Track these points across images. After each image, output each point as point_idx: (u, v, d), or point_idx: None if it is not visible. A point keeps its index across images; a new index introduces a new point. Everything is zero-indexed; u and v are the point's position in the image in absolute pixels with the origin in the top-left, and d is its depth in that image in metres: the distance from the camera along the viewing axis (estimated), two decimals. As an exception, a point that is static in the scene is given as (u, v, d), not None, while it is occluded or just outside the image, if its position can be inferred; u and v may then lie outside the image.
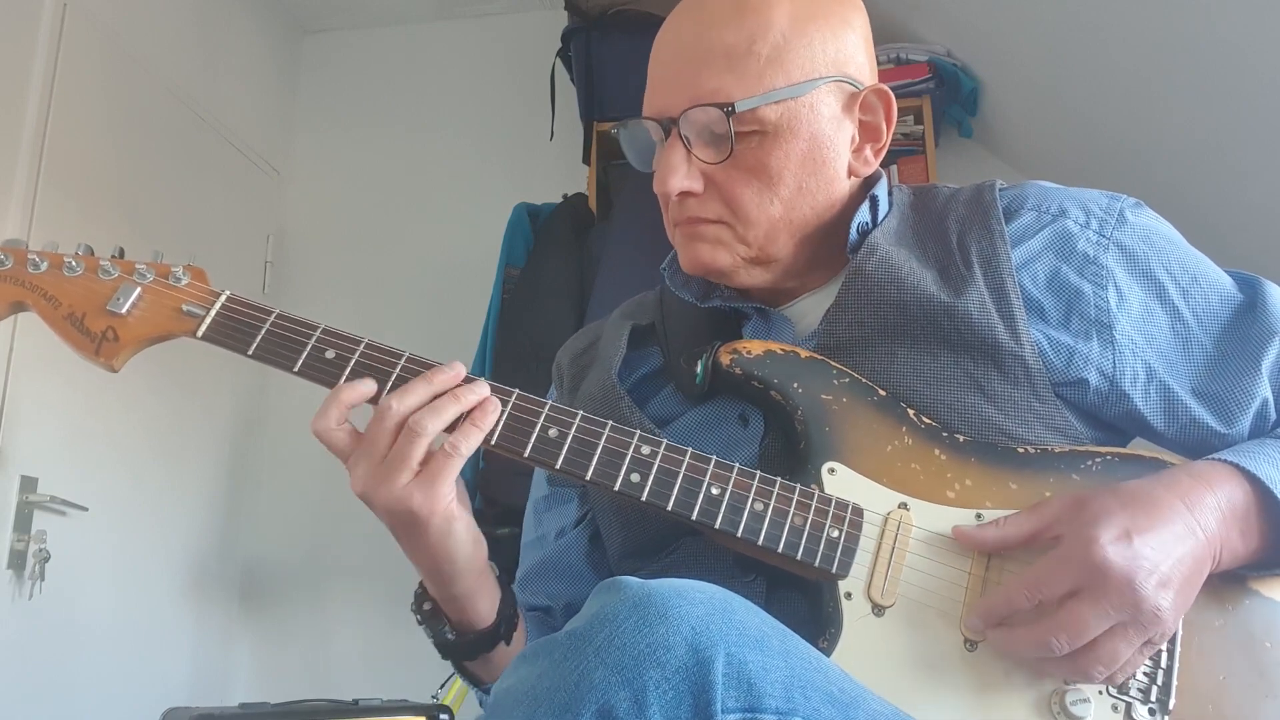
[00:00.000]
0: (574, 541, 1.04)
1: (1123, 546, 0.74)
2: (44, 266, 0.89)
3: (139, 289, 0.89)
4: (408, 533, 0.82)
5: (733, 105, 0.88)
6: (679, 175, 0.91)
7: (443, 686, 2.37)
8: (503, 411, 0.84)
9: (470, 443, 0.81)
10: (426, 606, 0.90)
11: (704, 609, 0.62)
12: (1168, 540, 0.75)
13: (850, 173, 0.96)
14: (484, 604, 0.89)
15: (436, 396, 0.82)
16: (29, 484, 2.21)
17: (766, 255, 0.94)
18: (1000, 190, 0.97)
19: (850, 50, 0.94)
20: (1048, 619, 0.74)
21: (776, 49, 0.89)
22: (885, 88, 0.96)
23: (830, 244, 0.96)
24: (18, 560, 2.16)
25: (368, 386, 0.84)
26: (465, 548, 0.84)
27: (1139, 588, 0.73)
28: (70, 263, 0.89)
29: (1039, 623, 0.75)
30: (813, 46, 0.91)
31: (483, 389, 0.84)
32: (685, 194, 0.92)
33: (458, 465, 0.80)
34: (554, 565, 1.05)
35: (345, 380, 0.84)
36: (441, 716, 2.17)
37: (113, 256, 0.91)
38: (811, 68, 0.91)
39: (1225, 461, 0.83)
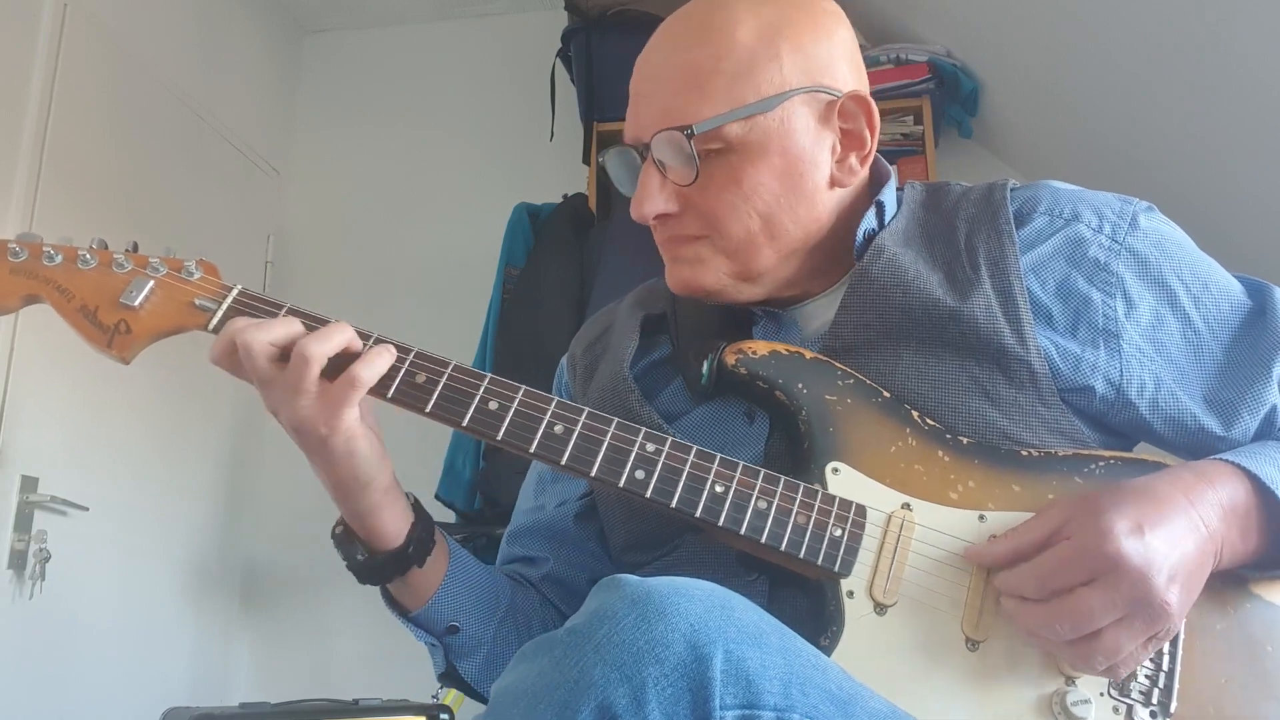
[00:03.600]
0: (570, 510, 1.05)
1: (1136, 540, 0.74)
2: (58, 259, 0.89)
3: (152, 282, 0.89)
4: (311, 448, 0.85)
5: (691, 128, 0.88)
6: (652, 200, 0.91)
7: (443, 686, 2.37)
8: (510, 408, 0.85)
9: (371, 370, 0.83)
10: (339, 530, 0.92)
11: (703, 606, 0.62)
12: (1175, 534, 0.76)
13: (834, 183, 0.94)
14: (391, 523, 0.90)
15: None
16: (29, 484, 2.21)
17: (751, 270, 0.93)
18: (1012, 190, 0.96)
19: (824, 60, 0.92)
20: (1056, 603, 0.75)
21: (741, 65, 0.89)
22: (864, 94, 0.93)
23: (832, 252, 0.96)
24: (18, 560, 2.16)
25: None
26: (368, 464, 0.86)
27: (1151, 580, 0.73)
28: (84, 256, 0.90)
29: (1047, 604, 0.75)
30: (781, 60, 0.90)
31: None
32: (663, 216, 0.92)
33: (358, 394, 0.82)
34: (548, 527, 1.06)
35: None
36: (441, 716, 2.17)
37: (126, 250, 0.91)
38: (781, 81, 0.90)
39: (1226, 461, 0.83)
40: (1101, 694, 0.78)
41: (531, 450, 0.84)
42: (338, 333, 0.84)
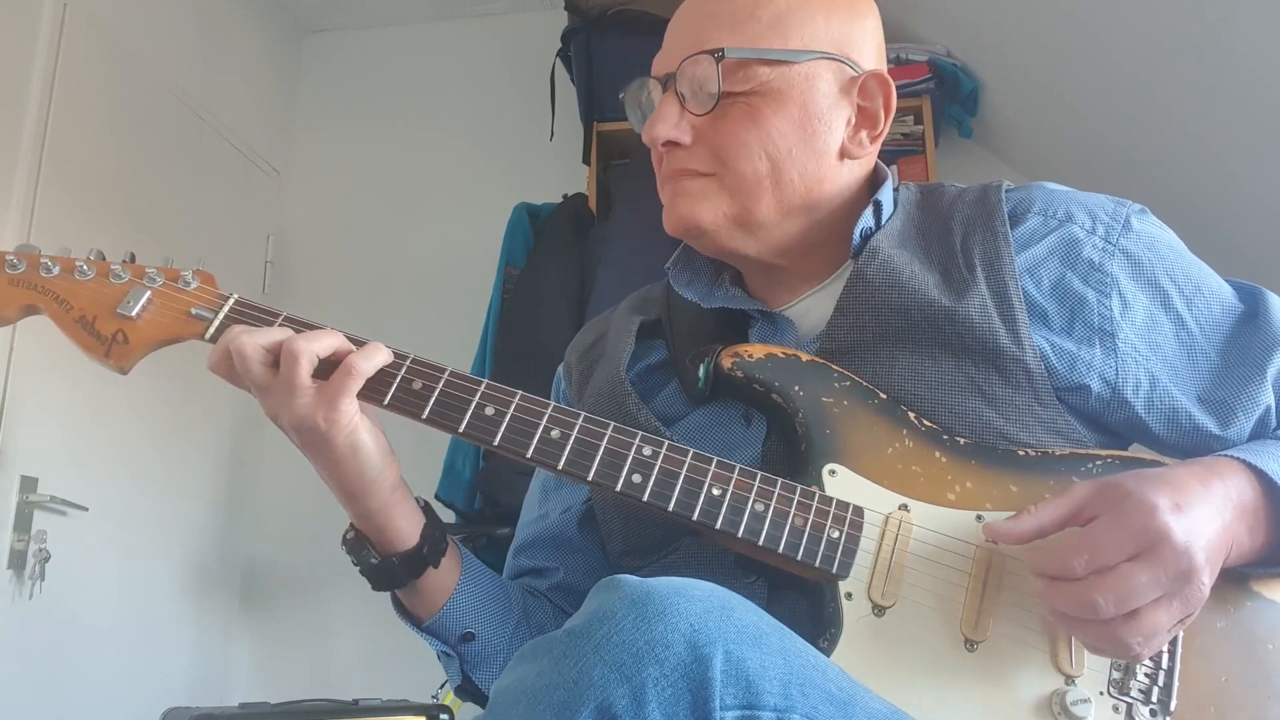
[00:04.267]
0: (575, 515, 1.05)
1: (1179, 516, 0.73)
2: (56, 270, 0.90)
3: (149, 292, 0.90)
4: (315, 449, 0.85)
5: (723, 51, 0.90)
6: (667, 124, 0.93)
7: (443, 686, 2.37)
8: (506, 413, 0.85)
9: (369, 362, 0.83)
10: (350, 535, 0.92)
11: (703, 607, 0.62)
12: (1205, 518, 0.75)
13: (844, 153, 0.96)
14: (403, 522, 0.90)
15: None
16: (29, 484, 2.21)
17: (750, 216, 0.93)
18: (1007, 191, 0.97)
19: (856, 38, 0.95)
20: (1098, 578, 0.72)
21: (779, 15, 0.92)
22: (886, 75, 0.96)
23: (827, 235, 0.96)
24: (18, 560, 2.16)
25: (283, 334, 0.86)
26: (373, 461, 0.86)
27: (1194, 557, 0.72)
28: (81, 266, 0.90)
29: (1086, 581, 0.73)
30: (815, 22, 0.93)
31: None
32: (673, 144, 0.93)
33: (356, 383, 0.83)
34: (554, 536, 1.05)
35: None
36: (441, 716, 2.17)
37: (123, 261, 0.92)
38: (812, 40, 0.93)
39: (1232, 457, 0.83)
40: (1101, 693, 0.78)
41: (528, 455, 0.84)
42: (327, 335, 0.85)
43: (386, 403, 0.85)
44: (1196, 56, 2.12)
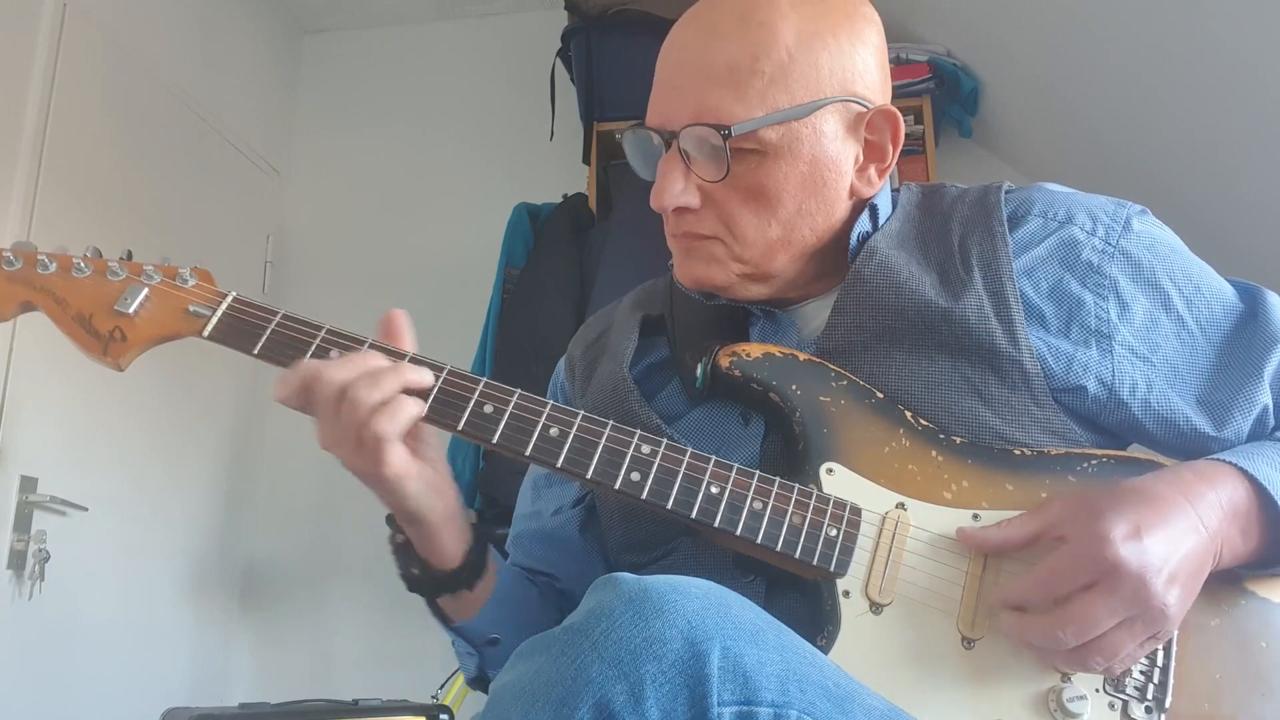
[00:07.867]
0: (571, 518, 1.05)
1: (1134, 544, 0.74)
2: (53, 268, 0.90)
3: (146, 290, 0.90)
4: (365, 484, 0.85)
5: (729, 128, 0.87)
6: (675, 191, 0.90)
7: (442, 687, 2.37)
8: (505, 411, 0.85)
9: (394, 424, 0.81)
10: (399, 539, 0.92)
11: (700, 603, 0.62)
12: (1174, 536, 0.76)
13: (853, 193, 0.94)
14: (449, 544, 0.90)
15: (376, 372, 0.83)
16: (29, 484, 2.21)
17: (763, 273, 0.94)
18: (1007, 193, 0.96)
19: (860, 68, 0.92)
20: (1058, 611, 0.75)
21: (781, 67, 0.88)
22: (893, 109, 0.93)
23: (833, 256, 0.96)
24: (18, 560, 2.16)
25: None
26: (421, 500, 0.86)
27: (1150, 583, 0.73)
28: (79, 264, 0.90)
29: (1049, 614, 0.75)
30: (819, 65, 0.89)
31: (424, 375, 0.85)
32: (682, 209, 0.92)
33: (389, 445, 0.81)
34: (549, 535, 1.06)
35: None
36: (441, 716, 2.18)
37: (120, 258, 0.92)
38: (817, 87, 0.89)
39: (1225, 461, 0.83)
40: (1097, 690, 0.78)
41: (527, 453, 0.84)
42: (391, 378, 0.83)
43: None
44: (1196, 56, 2.13)
